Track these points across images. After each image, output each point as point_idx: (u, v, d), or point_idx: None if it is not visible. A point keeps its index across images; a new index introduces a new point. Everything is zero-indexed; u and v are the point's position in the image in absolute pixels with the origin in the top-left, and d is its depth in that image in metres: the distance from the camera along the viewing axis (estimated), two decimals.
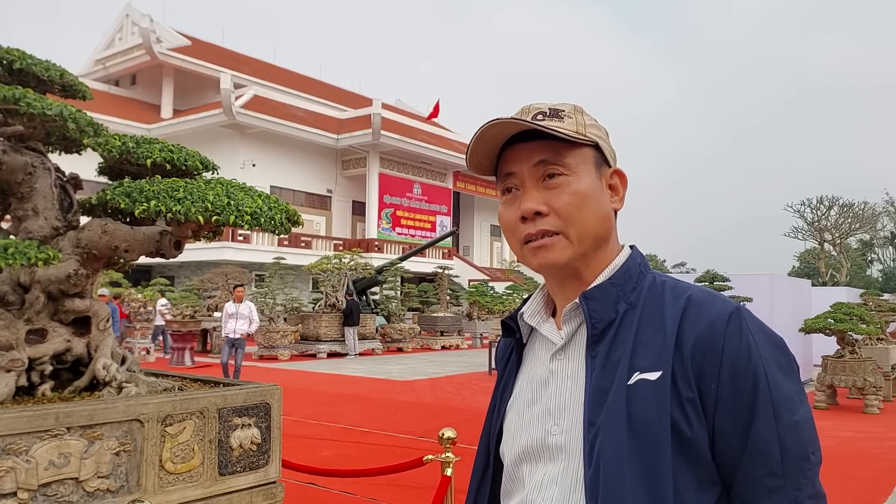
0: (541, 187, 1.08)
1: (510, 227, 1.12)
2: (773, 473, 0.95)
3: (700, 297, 1.04)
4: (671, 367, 0.98)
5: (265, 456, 3.45)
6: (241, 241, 30.62)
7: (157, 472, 3.08)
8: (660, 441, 0.95)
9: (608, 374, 1.01)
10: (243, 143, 34.72)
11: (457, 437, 3.80)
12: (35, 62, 3.22)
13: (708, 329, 0.98)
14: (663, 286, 1.08)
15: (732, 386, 0.96)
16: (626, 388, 0.99)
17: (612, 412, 0.98)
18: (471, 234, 48.51)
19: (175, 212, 2.90)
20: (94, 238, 3.31)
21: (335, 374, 15.38)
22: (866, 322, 11.53)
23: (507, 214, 1.12)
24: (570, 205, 1.07)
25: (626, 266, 1.11)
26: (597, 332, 1.05)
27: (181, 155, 3.35)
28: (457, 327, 26.33)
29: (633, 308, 1.06)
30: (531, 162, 1.09)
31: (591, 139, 1.10)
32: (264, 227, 3.09)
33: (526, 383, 1.15)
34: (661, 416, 0.96)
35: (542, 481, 1.05)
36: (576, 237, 1.07)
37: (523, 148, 1.09)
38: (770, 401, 0.96)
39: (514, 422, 1.13)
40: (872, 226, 59.96)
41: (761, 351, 0.98)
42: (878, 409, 10.69)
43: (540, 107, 1.11)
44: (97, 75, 41.55)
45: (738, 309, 1.02)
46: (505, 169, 1.12)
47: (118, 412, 3.00)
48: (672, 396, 0.96)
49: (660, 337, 1.01)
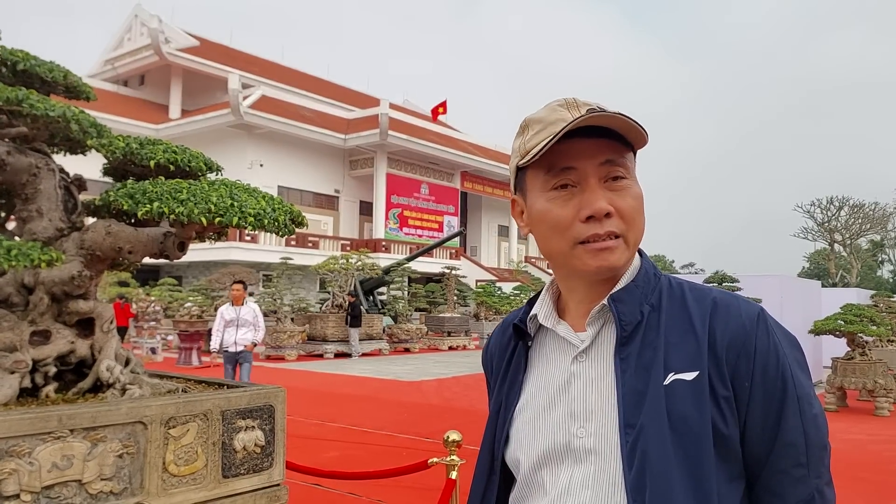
0: (604, 187, 1.05)
1: (564, 224, 1.06)
2: (799, 464, 1.00)
3: (724, 299, 1.07)
4: (707, 367, 1.00)
5: (269, 458, 3.43)
6: (248, 241, 30.70)
7: (160, 475, 3.06)
8: (701, 439, 0.97)
9: (641, 375, 1.02)
10: (251, 143, 34.80)
11: (462, 439, 3.77)
12: (39, 63, 3.22)
13: (740, 331, 1.02)
14: (681, 288, 1.10)
15: (764, 383, 1.00)
16: (663, 389, 1.00)
17: (652, 413, 0.99)
18: (478, 235, 48.48)
19: (178, 213, 2.88)
20: (98, 239, 3.30)
21: (342, 375, 15.39)
22: (877, 324, 11.44)
23: (561, 211, 1.06)
24: (633, 209, 1.06)
25: (643, 268, 1.12)
26: (626, 333, 1.05)
27: (185, 156, 3.34)
28: (464, 328, 26.32)
29: (656, 310, 1.07)
30: (597, 160, 1.05)
31: (646, 141, 1.10)
32: (268, 228, 3.07)
33: (539, 387, 1.12)
34: (701, 415, 0.98)
35: (570, 485, 1.03)
36: (633, 242, 1.08)
37: (587, 144, 1.05)
38: (796, 396, 1.01)
39: (528, 426, 1.11)
40: (883, 226, 59.52)
41: (785, 350, 1.04)
42: (889, 411, 10.59)
43: (590, 103, 1.07)
44: (106, 75, 41.77)
45: (762, 310, 1.06)
46: (561, 163, 1.06)
47: (121, 414, 2.98)
48: (710, 395, 0.99)
49: (691, 338, 1.03)
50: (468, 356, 21.57)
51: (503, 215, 49.22)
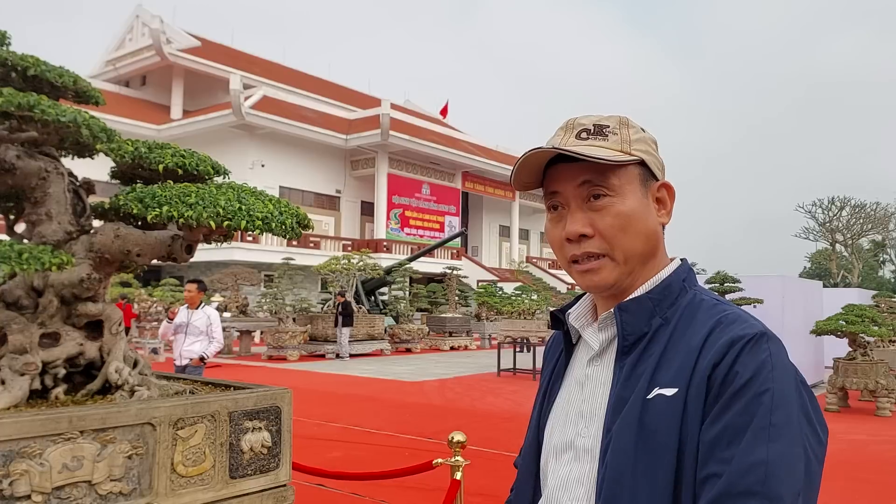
0: (585, 208, 1.09)
1: (557, 244, 1.14)
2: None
3: (729, 318, 1.02)
4: (687, 385, 0.98)
5: (276, 459, 3.46)
6: (250, 241, 30.72)
7: (168, 475, 3.09)
8: (665, 454, 0.97)
9: (630, 385, 1.04)
10: (252, 143, 34.83)
11: (466, 440, 3.80)
12: (49, 69, 3.25)
13: (724, 348, 0.97)
14: (700, 305, 1.07)
15: (727, 406, 0.93)
16: (643, 401, 1.00)
17: (626, 421, 1.01)
18: (479, 235, 48.48)
19: (187, 217, 2.92)
20: (107, 242, 3.33)
21: (344, 375, 15.41)
22: (878, 324, 11.47)
23: (554, 232, 1.14)
24: (614, 227, 1.07)
25: (667, 281, 1.11)
26: (627, 344, 1.07)
27: (193, 160, 3.37)
28: (465, 328, 26.33)
29: (667, 324, 1.07)
30: (575, 182, 1.09)
31: (636, 156, 1.09)
32: (275, 231, 3.10)
33: (567, 383, 1.19)
34: (669, 431, 0.97)
35: (567, 480, 1.08)
36: (621, 258, 1.08)
37: (567, 168, 1.09)
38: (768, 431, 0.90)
39: (552, 419, 1.18)
40: (885, 226, 59.52)
41: (774, 383, 0.93)
42: (890, 411, 10.61)
43: (584, 122, 1.11)
44: (107, 76, 41.80)
45: (762, 334, 0.98)
46: (549, 188, 1.13)
47: (130, 416, 3.01)
48: (683, 414, 0.97)
49: (684, 355, 1.01)
50: (470, 356, 21.59)
51: (504, 215, 49.23)
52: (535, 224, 53.36)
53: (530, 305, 21.58)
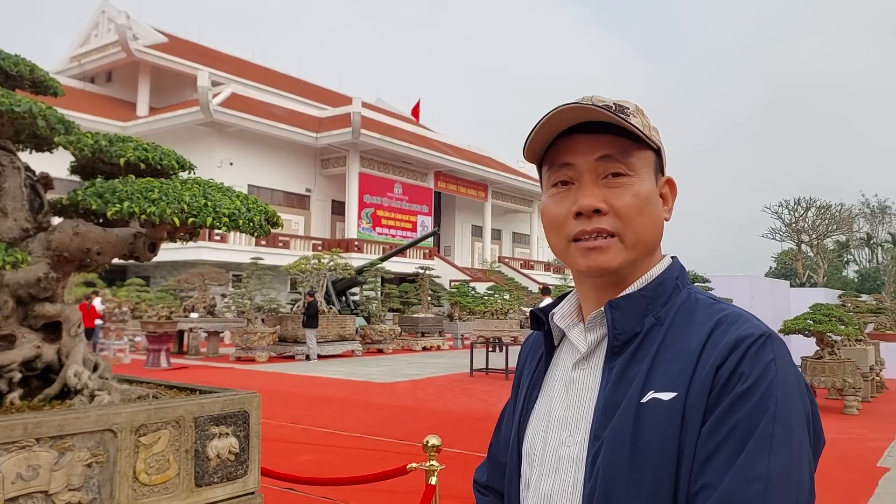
0: (601, 184, 1.01)
1: (558, 222, 1.04)
2: None
3: (731, 317, 0.96)
4: (687, 388, 0.91)
5: (244, 466, 3.34)
6: (218, 240, 30.32)
7: (130, 484, 2.96)
8: (663, 463, 0.90)
9: (622, 388, 0.96)
10: (221, 141, 34.37)
11: (441, 443, 3.72)
12: (3, 56, 3.09)
13: (728, 350, 0.91)
14: (696, 304, 1.01)
15: (728, 411, 0.87)
16: (637, 406, 0.93)
17: (618, 428, 0.93)
18: (452, 235, 48.47)
19: (149, 213, 2.78)
20: (66, 240, 3.18)
21: (314, 377, 15.23)
22: (845, 323, 11.63)
23: (557, 209, 1.04)
24: (632, 207, 1.00)
25: (660, 278, 1.04)
26: (618, 343, 1.00)
27: (156, 154, 3.23)
28: (438, 328, 26.28)
29: (661, 323, 1.00)
30: (594, 155, 1.01)
31: (655, 143, 1.04)
32: (242, 229, 2.98)
33: (549, 389, 1.10)
34: (668, 439, 0.90)
35: (551, 494, 1.00)
36: (631, 242, 1.00)
37: (586, 139, 1.01)
38: (769, 442, 0.85)
39: (533, 428, 1.09)
40: (849, 227, 60.89)
41: (781, 387, 0.88)
42: (858, 409, 10.77)
43: (604, 99, 1.03)
44: (72, 72, 40.97)
45: (770, 335, 0.93)
46: (560, 159, 1.04)
47: (90, 422, 2.87)
48: (682, 420, 0.90)
49: (682, 357, 0.94)
50: (442, 357, 21.52)
51: (477, 215, 49.28)
52: (507, 224, 53.51)
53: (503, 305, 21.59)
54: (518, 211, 53.13)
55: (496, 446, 1.28)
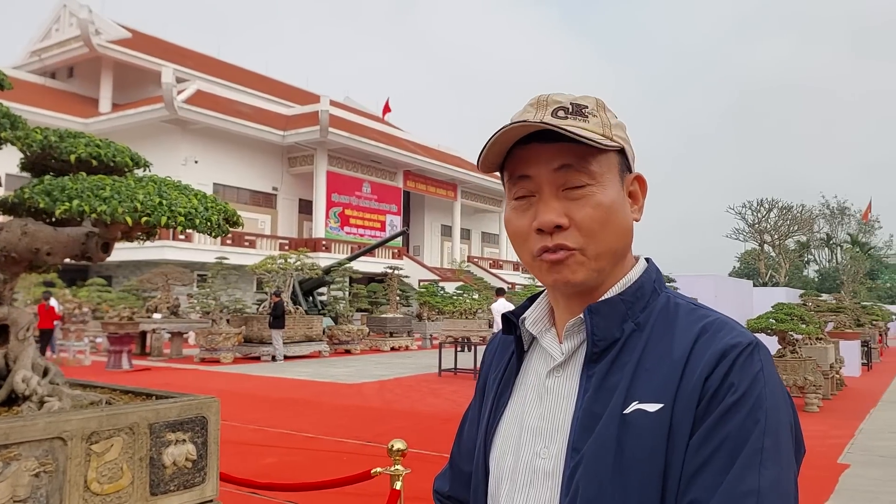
0: (561, 196, 0.95)
1: (521, 236, 0.99)
2: None
3: (716, 324, 0.93)
4: (674, 400, 0.87)
5: (201, 473, 3.24)
6: (182, 240, 29.83)
7: (81, 494, 2.84)
8: (651, 478, 0.85)
9: (602, 398, 0.91)
10: (185, 138, 33.82)
11: (406, 447, 3.65)
12: None
13: (715, 359, 0.88)
14: (677, 309, 0.97)
15: (717, 424, 0.85)
16: (621, 418, 0.88)
17: (600, 441, 0.88)
18: (421, 234, 48.36)
19: (100, 212, 2.67)
20: (13, 240, 3.05)
21: (279, 378, 15.04)
22: (806, 322, 11.82)
23: (519, 223, 0.99)
24: (594, 219, 0.95)
25: (640, 282, 1.00)
26: (597, 350, 0.95)
27: (109, 150, 3.11)
28: (406, 328, 26.18)
29: (641, 329, 0.95)
30: (551, 166, 0.95)
31: (618, 143, 0.98)
32: (199, 228, 2.88)
33: (520, 396, 1.04)
34: (654, 453, 0.86)
35: None
36: (594, 254, 0.95)
37: (542, 149, 0.95)
38: (759, 455, 0.82)
39: (502, 437, 1.03)
40: (809, 228, 62.14)
41: (767, 400, 0.85)
42: (818, 407, 10.95)
43: (560, 100, 0.97)
44: (32, 67, 39.98)
45: (756, 345, 0.89)
46: (518, 171, 0.98)
47: (38, 429, 2.75)
48: (669, 432, 0.86)
49: (666, 365, 0.90)
50: (410, 357, 21.44)
51: (446, 215, 49.23)
52: (476, 224, 53.54)
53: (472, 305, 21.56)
54: (487, 211, 53.21)
55: (458, 454, 1.22)
